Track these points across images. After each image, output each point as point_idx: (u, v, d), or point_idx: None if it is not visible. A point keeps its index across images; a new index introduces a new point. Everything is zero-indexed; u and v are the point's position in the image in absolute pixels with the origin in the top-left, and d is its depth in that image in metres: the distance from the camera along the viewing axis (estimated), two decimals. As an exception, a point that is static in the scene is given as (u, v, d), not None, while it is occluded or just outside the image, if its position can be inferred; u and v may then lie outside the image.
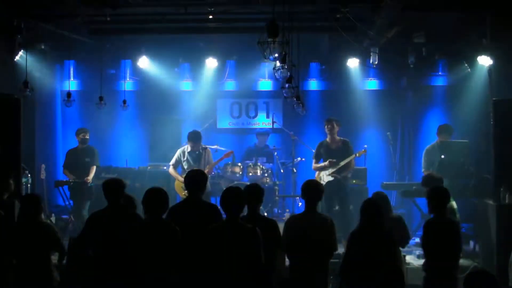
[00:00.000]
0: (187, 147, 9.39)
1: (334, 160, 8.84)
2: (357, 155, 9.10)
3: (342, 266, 5.48)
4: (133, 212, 5.86)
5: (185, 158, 9.33)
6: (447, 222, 5.74)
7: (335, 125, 8.95)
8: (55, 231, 5.94)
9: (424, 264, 5.77)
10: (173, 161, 9.45)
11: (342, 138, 9.04)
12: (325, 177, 8.88)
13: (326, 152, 8.97)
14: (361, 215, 5.53)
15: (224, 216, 5.26)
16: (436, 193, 5.86)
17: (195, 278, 5.36)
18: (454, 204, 6.77)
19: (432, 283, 5.63)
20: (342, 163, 8.84)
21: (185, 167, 9.23)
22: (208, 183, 9.38)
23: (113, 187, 5.71)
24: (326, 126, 9.01)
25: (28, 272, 5.73)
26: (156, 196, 5.25)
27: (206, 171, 9.26)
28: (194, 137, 9.31)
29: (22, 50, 9.20)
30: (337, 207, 8.90)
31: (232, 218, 5.08)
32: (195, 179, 5.78)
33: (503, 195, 7.34)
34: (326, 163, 8.88)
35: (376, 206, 5.51)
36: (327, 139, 9.03)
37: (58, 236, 5.92)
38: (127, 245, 5.21)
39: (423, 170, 9.15)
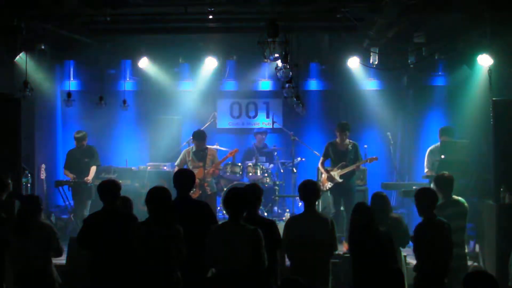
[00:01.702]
0: (192, 147, 9.44)
1: (341, 166, 8.86)
2: (368, 161, 9.11)
3: (353, 271, 5.49)
4: (129, 212, 5.86)
5: (190, 158, 9.38)
6: (436, 223, 5.65)
7: (347, 133, 8.94)
8: (54, 232, 5.93)
9: (416, 266, 5.73)
10: (177, 161, 9.51)
11: (351, 141, 9.03)
12: (337, 177, 8.86)
13: (334, 153, 8.97)
14: (352, 217, 5.59)
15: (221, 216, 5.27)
16: (422, 194, 5.75)
17: (197, 278, 5.37)
18: (466, 207, 6.63)
19: (422, 284, 5.59)
20: (351, 167, 8.85)
21: (190, 167, 9.24)
22: (214, 184, 9.46)
23: (108, 188, 5.73)
24: (339, 132, 8.95)
25: (28, 272, 5.72)
26: (160, 195, 5.25)
27: (211, 170, 9.29)
28: (199, 136, 9.35)
29: (22, 50, 9.19)
30: (341, 207, 8.93)
31: (234, 219, 5.09)
32: (183, 178, 5.80)
33: (503, 195, 7.34)
34: (336, 170, 8.87)
35: (363, 209, 5.54)
36: (337, 140, 9.01)
37: (56, 237, 5.90)
38: (126, 245, 5.21)
39: (425, 170, 9.14)
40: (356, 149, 9.02)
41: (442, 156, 8.78)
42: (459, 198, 6.54)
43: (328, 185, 8.81)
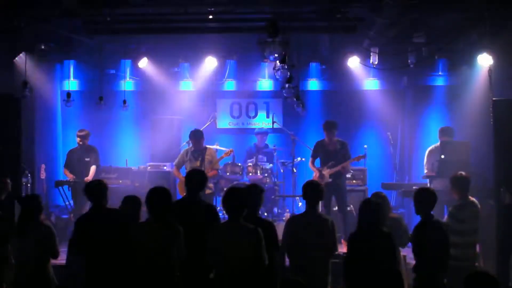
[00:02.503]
0: (191, 147, 9.38)
1: (330, 165, 8.86)
2: (356, 160, 9.11)
3: (345, 269, 5.47)
4: (117, 210, 5.85)
5: (188, 158, 9.28)
6: (434, 224, 5.64)
7: (334, 132, 8.94)
8: (52, 233, 5.89)
9: (414, 266, 5.73)
10: (176, 161, 9.41)
11: (339, 140, 9.03)
12: (326, 177, 8.86)
13: (323, 152, 8.97)
14: (359, 216, 5.56)
15: (221, 216, 5.27)
16: (421, 194, 5.72)
17: (199, 278, 5.37)
18: (479, 207, 6.62)
19: (421, 285, 5.59)
20: (339, 167, 8.84)
21: (188, 167, 9.19)
22: (212, 184, 9.39)
23: (97, 188, 5.74)
24: (326, 131, 8.97)
25: (27, 272, 5.72)
26: (160, 195, 5.25)
27: (210, 174, 9.20)
28: (194, 136, 9.29)
29: (22, 50, 9.19)
30: (335, 208, 8.92)
31: (234, 218, 5.10)
32: (195, 178, 5.81)
33: (503, 195, 7.33)
34: (326, 170, 8.87)
35: (373, 207, 5.51)
36: (325, 140, 9.02)
37: (54, 239, 5.85)
38: (119, 244, 5.21)
39: (425, 170, 9.13)
40: (345, 148, 9.00)
41: (442, 156, 8.78)
42: (474, 199, 6.54)
43: None
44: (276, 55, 6.84)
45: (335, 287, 6.07)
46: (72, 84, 11.17)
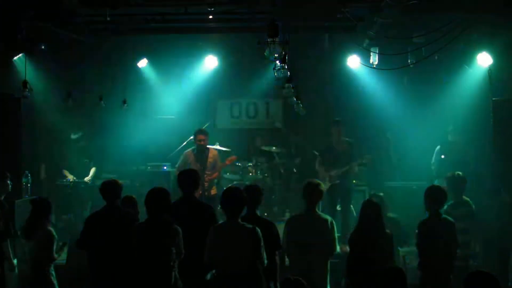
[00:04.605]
0: (194, 149, 9.28)
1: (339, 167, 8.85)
2: (365, 161, 9.10)
3: (348, 268, 5.50)
4: (131, 212, 5.88)
5: (191, 160, 9.18)
6: (442, 221, 5.69)
7: (342, 128, 8.95)
8: (52, 238, 5.88)
9: (419, 264, 5.76)
10: (178, 164, 9.30)
11: (347, 140, 9.04)
12: (334, 178, 8.86)
13: (331, 154, 8.95)
14: (360, 216, 5.58)
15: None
16: (432, 192, 5.82)
17: (197, 278, 5.38)
18: (474, 208, 6.67)
19: (428, 283, 5.61)
20: (346, 168, 8.84)
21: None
22: (215, 187, 9.31)
23: (111, 188, 5.77)
24: (334, 128, 8.97)
25: (28, 273, 5.73)
26: (159, 196, 5.26)
27: (214, 175, 9.15)
28: (201, 133, 9.20)
29: (22, 50, 9.19)
30: (338, 207, 8.92)
31: (232, 218, 5.10)
32: (187, 178, 5.83)
33: (503, 194, 7.35)
34: (334, 172, 8.87)
35: (375, 208, 5.53)
36: (332, 139, 9.02)
37: (51, 244, 5.84)
38: (127, 245, 5.22)
39: (432, 167, 9.22)
40: (352, 148, 9.00)
41: (442, 156, 8.80)
42: (468, 198, 6.56)
43: (326, 186, 8.77)
44: (276, 55, 6.83)
45: (335, 286, 6.09)
46: (71, 84, 11.15)
